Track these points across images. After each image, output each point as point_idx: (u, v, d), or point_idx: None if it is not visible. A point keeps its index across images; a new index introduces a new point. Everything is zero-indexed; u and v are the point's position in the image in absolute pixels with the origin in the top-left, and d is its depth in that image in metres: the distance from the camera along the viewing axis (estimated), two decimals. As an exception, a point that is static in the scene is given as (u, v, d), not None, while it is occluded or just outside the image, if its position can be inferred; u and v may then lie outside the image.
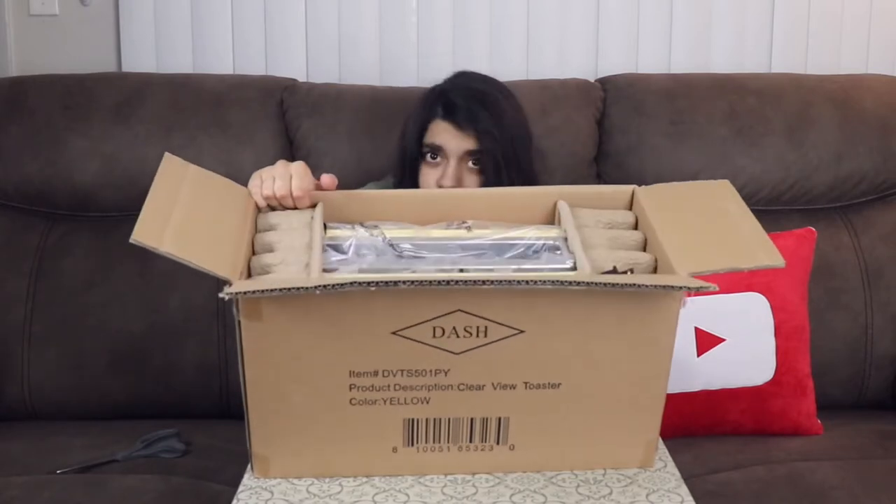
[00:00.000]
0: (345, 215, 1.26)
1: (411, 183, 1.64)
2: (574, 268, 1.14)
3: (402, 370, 1.07)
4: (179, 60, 2.17)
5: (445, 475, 1.14)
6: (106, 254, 1.87)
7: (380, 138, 1.90)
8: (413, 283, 0.98)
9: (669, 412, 1.17)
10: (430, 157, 1.63)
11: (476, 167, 1.61)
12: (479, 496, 1.09)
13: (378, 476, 1.13)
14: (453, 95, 1.64)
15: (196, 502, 1.44)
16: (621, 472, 1.15)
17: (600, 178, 1.97)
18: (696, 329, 1.66)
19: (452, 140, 1.61)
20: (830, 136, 1.94)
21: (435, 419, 1.11)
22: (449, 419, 1.11)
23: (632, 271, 1.15)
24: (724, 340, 1.66)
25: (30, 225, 1.92)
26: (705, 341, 1.66)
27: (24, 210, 1.94)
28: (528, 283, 1.00)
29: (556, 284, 1.00)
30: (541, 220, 1.27)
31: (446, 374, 1.08)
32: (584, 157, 1.96)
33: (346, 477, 1.13)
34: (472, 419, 1.11)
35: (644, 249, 1.21)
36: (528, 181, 1.61)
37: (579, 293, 1.03)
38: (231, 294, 0.99)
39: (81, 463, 1.56)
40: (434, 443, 1.12)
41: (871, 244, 1.92)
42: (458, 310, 1.03)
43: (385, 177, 1.77)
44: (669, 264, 1.12)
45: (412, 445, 1.12)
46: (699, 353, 1.66)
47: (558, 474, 1.14)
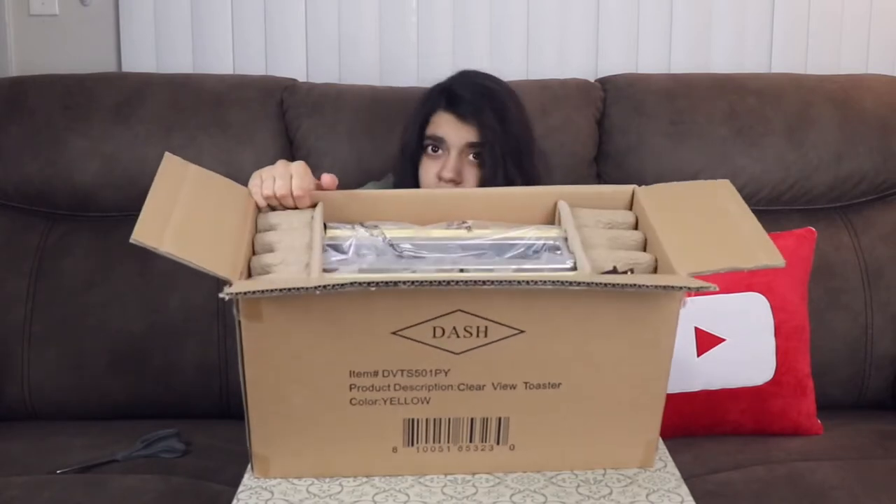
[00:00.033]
0: (345, 215, 1.26)
1: (412, 179, 1.63)
2: (574, 268, 1.14)
3: (402, 370, 1.07)
4: (179, 60, 2.17)
5: (445, 475, 1.13)
6: (106, 254, 1.87)
7: (380, 138, 1.90)
8: (413, 283, 0.98)
9: (669, 412, 1.17)
10: (432, 150, 1.62)
11: (476, 161, 1.60)
12: (479, 496, 1.09)
13: (378, 476, 1.13)
14: (457, 88, 1.64)
15: (196, 502, 1.44)
16: (621, 472, 1.15)
17: (600, 178, 1.97)
18: (696, 329, 1.66)
19: (454, 131, 1.60)
20: (830, 136, 1.94)
21: (435, 419, 1.11)
22: (449, 419, 1.11)
23: (632, 271, 1.15)
24: (724, 340, 1.66)
25: (30, 225, 1.92)
26: (705, 341, 1.66)
27: (24, 210, 1.94)
28: (528, 283, 1.00)
29: (556, 284, 1.00)
30: (541, 220, 1.27)
31: (446, 374, 1.08)
32: (584, 157, 1.96)
33: (346, 477, 1.13)
34: (472, 419, 1.11)
35: (644, 249, 1.21)
36: (530, 181, 1.61)
37: (579, 293, 1.03)
38: (231, 294, 0.99)
39: (81, 463, 1.56)
40: (434, 443, 1.12)
41: (871, 244, 1.92)
42: (458, 310, 1.03)
43: (385, 176, 1.76)
44: (669, 264, 1.12)
45: (412, 445, 1.12)
46: (699, 353, 1.66)
47: (558, 474, 1.14)
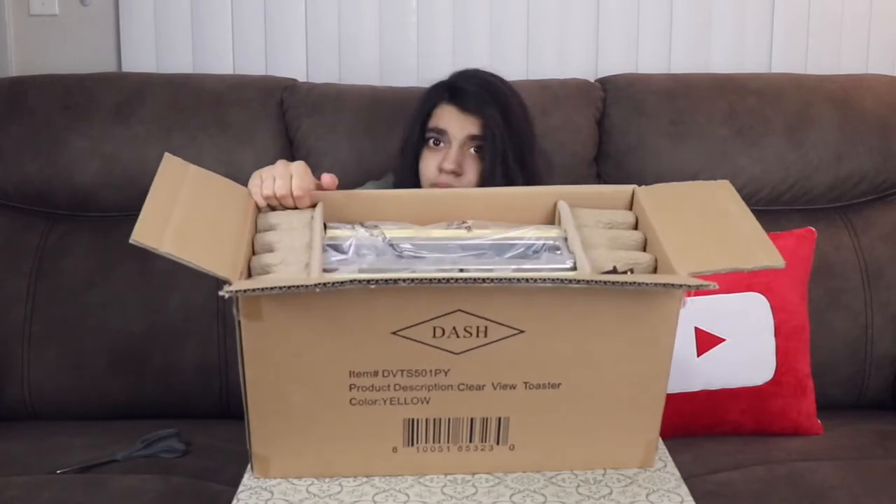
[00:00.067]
0: (345, 215, 1.26)
1: (412, 176, 1.63)
2: (574, 268, 1.14)
3: (402, 370, 1.07)
4: (179, 60, 2.17)
5: (445, 475, 1.13)
6: (106, 254, 1.87)
7: (380, 138, 1.90)
8: (413, 283, 0.98)
9: (669, 412, 1.17)
10: (433, 143, 1.61)
11: (478, 154, 1.59)
12: (479, 496, 1.09)
13: (378, 476, 1.13)
14: (460, 82, 1.64)
15: (196, 502, 1.44)
16: (621, 472, 1.15)
17: (600, 178, 1.97)
18: (696, 329, 1.66)
19: (456, 122, 1.59)
20: (830, 136, 1.94)
21: (435, 419, 1.11)
22: (449, 419, 1.11)
23: (632, 271, 1.15)
24: (724, 340, 1.66)
25: (30, 225, 1.92)
26: (705, 341, 1.66)
27: (24, 210, 1.94)
28: (528, 283, 1.00)
29: (555, 283, 1.00)
30: (541, 220, 1.27)
31: (446, 374, 1.08)
32: (584, 157, 1.96)
33: (346, 477, 1.13)
34: (472, 419, 1.11)
35: (644, 249, 1.21)
36: (530, 178, 1.60)
37: (579, 292, 1.03)
38: (231, 292, 0.99)
39: (81, 463, 1.56)
40: (434, 443, 1.12)
41: (871, 244, 1.92)
42: (458, 310, 1.03)
43: (385, 176, 1.76)
44: (669, 264, 1.12)
45: (412, 445, 1.12)
46: (699, 353, 1.66)
47: (558, 474, 1.14)
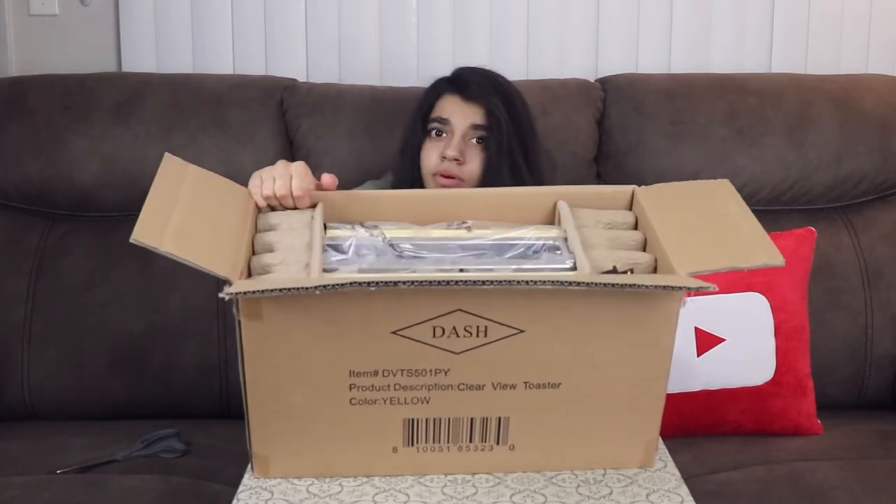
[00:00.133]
0: (345, 215, 1.26)
1: (412, 175, 1.62)
2: (574, 268, 1.14)
3: (402, 370, 1.07)
4: (179, 60, 2.17)
5: (445, 475, 1.13)
6: (106, 254, 1.87)
7: (380, 138, 1.90)
8: (413, 283, 0.98)
9: (669, 412, 1.17)
10: (435, 134, 1.61)
11: (480, 145, 1.59)
12: (479, 496, 1.09)
13: (378, 476, 1.13)
14: (464, 74, 1.64)
15: (196, 502, 1.44)
16: (621, 473, 1.15)
17: (600, 178, 1.97)
18: (696, 329, 1.66)
19: (459, 111, 1.59)
20: (830, 136, 1.94)
21: (435, 419, 1.11)
22: (449, 419, 1.11)
23: (632, 271, 1.15)
24: (724, 340, 1.66)
25: (30, 225, 1.92)
26: (705, 341, 1.66)
27: (24, 210, 1.94)
28: (528, 283, 1.00)
29: (556, 284, 1.00)
30: (541, 220, 1.27)
31: (446, 374, 1.08)
32: (584, 157, 1.96)
33: (346, 477, 1.13)
34: (472, 419, 1.11)
35: (644, 249, 1.21)
36: (534, 173, 1.60)
37: (579, 293, 1.03)
38: (231, 294, 0.99)
39: (81, 463, 1.56)
40: (434, 443, 1.12)
41: (871, 244, 1.92)
42: (458, 309, 1.03)
43: (384, 175, 1.76)
44: (669, 264, 1.12)
45: (412, 445, 1.12)
46: (699, 353, 1.66)
47: (558, 474, 1.14)
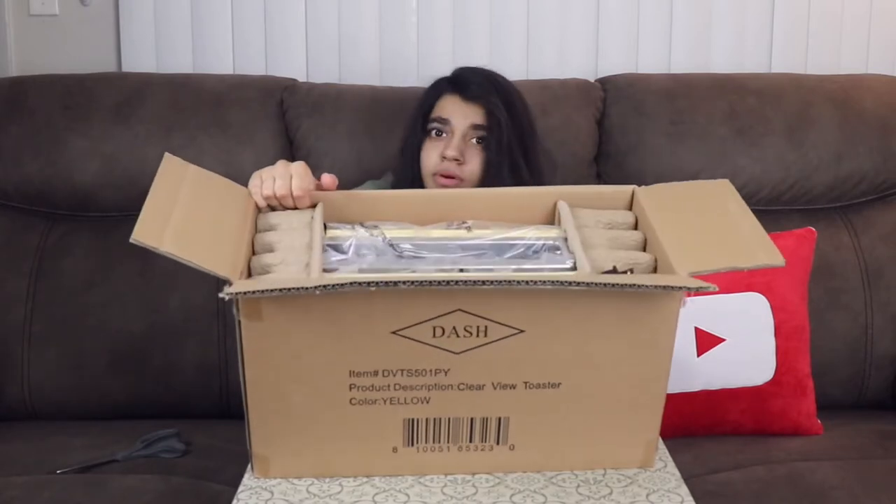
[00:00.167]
0: (345, 215, 1.26)
1: (412, 175, 1.62)
2: (574, 268, 1.14)
3: (402, 370, 1.07)
4: (179, 60, 2.17)
5: (445, 475, 1.13)
6: (106, 254, 1.87)
7: (380, 138, 1.90)
8: (413, 283, 0.98)
9: (669, 412, 1.17)
10: (435, 134, 1.61)
11: (480, 145, 1.59)
12: (479, 496, 1.09)
13: (378, 476, 1.13)
14: (464, 74, 1.64)
15: (196, 502, 1.44)
16: (621, 472, 1.15)
17: (600, 178, 1.97)
18: (696, 329, 1.66)
19: (459, 111, 1.59)
20: (830, 136, 1.94)
21: (435, 419, 1.11)
22: (449, 419, 1.11)
23: (632, 271, 1.15)
24: (724, 340, 1.66)
25: (30, 225, 1.92)
26: (705, 341, 1.66)
27: (24, 210, 1.94)
28: (528, 283, 1.00)
29: (556, 284, 1.00)
30: (541, 220, 1.27)
31: (446, 374, 1.08)
32: (584, 157, 1.96)
33: (346, 477, 1.13)
34: (472, 419, 1.11)
35: (644, 249, 1.21)
36: (534, 173, 1.60)
37: (579, 293, 1.02)
38: (231, 294, 0.99)
39: (81, 463, 1.56)
40: (434, 443, 1.12)
41: (871, 244, 1.92)
42: (458, 309, 1.03)
43: (384, 175, 1.76)
44: (669, 264, 1.12)
45: (412, 445, 1.12)
46: (699, 353, 1.66)
47: (558, 474, 1.14)
